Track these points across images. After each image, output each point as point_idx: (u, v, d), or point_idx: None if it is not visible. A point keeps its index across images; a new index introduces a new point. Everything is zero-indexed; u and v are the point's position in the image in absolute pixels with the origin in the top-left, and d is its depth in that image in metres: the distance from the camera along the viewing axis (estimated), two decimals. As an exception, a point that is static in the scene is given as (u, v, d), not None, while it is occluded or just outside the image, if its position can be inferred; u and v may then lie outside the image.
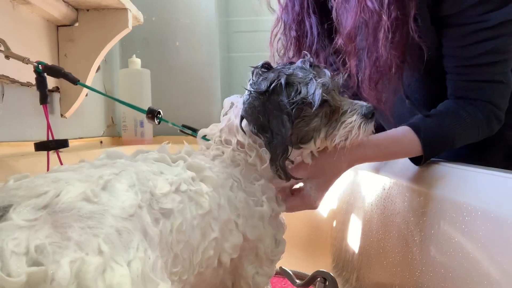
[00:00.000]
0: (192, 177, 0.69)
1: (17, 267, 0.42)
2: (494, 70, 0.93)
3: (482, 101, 0.93)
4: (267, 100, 0.76)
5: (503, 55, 0.93)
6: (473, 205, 0.70)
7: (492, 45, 0.91)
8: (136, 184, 0.58)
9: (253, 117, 0.76)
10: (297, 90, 0.77)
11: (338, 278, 1.21)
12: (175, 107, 2.23)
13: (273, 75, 0.78)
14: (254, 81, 0.79)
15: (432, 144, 0.90)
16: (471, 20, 0.90)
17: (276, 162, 0.76)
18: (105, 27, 1.54)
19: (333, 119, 0.80)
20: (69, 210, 0.48)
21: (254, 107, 0.76)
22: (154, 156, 0.71)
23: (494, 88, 0.94)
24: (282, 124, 0.75)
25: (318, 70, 0.81)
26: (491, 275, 0.62)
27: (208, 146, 0.82)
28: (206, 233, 0.69)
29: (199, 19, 2.25)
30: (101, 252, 0.46)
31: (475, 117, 0.92)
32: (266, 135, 0.76)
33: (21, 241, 0.43)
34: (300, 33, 1.06)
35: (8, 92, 1.24)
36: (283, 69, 0.80)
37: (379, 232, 1.11)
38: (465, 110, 0.92)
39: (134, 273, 0.47)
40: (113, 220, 0.50)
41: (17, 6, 1.30)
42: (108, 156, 0.69)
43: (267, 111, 0.76)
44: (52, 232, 0.45)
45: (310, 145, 0.80)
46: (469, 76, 0.94)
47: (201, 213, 0.67)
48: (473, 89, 0.94)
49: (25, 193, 0.49)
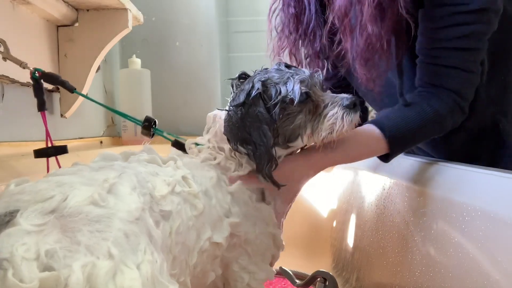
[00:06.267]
0: (183, 176, 0.70)
1: (29, 272, 0.42)
2: (465, 57, 0.92)
3: (448, 90, 0.92)
4: (246, 113, 0.77)
5: (477, 43, 0.92)
6: (473, 205, 0.70)
7: (468, 31, 0.89)
8: (137, 186, 0.59)
9: (233, 134, 0.78)
10: (277, 91, 0.78)
11: (338, 278, 1.21)
12: (175, 107, 2.23)
13: (248, 86, 0.79)
14: (233, 96, 0.81)
15: (398, 141, 0.89)
16: (450, 2, 0.89)
17: (262, 171, 0.77)
18: (105, 27, 1.53)
19: (316, 114, 0.80)
20: (77, 214, 0.48)
21: (233, 123, 0.78)
22: (145, 158, 0.72)
23: (462, 76, 0.92)
24: (264, 135, 0.76)
25: (295, 69, 0.82)
26: (491, 275, 0.62)
27: (200, 150, 0.83)
28: (200, 233, 0.69)
29: (199, 19, 2.25)
30: (111, 256, 0.46)
31: (439, 110, 0.91)
32: (249, 147, 0.77)
33: (30, 246, 0.43)
34: (299, 10, 1.06)
35: (8, 92, 1.24)
36: (257, 75, 0.81)
37: (379, 232, 1.11)
38: (429, 104, 0.91)
39: (144, 276, 0.47)
40: (120, 223, 0.50)
41: (17, 6, 1.30)
42: (103, 159, 0.69)
43: (247, 124, 0.77)
44: (61, 236, 0.45)
45: (298, 142, 0.81)
46: (438, 60, 0.92)
47: (196, 214, 0.68)
48: (441, 75, 0.92)
49: (30, 198, 0.49)
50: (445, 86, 0.92)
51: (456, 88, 0.92)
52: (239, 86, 0.82)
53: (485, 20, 0.90)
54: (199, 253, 0.69)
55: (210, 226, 0.71)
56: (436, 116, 0.90)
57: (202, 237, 0.69)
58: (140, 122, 1.00)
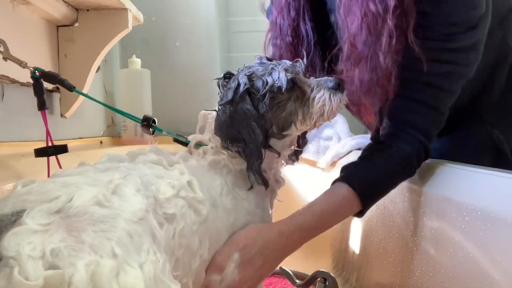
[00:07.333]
0: (188, 182, 0.70)
1: (34, 270, 0.43)
2: (439, 96, 0.91)
3: (415, 130, 0.90)
4: (234, 111, 0.78)
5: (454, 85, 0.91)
6: (473, 205, 0.70)
7: (450, 70, 0.89)
8: (141, 188, 0.60)
9: (222, 132, 0.79)
10: (263, 82, 0.79)
11: (338, 278, 1.21)
12: (175, 107, 2.23)
13: (234, 84, 0.80)
14: (221, 95, 0.82)
15: (369, 195, 0.88)
16: (441, 37, 0.87)
17: (252, 168, 0.78)
18: (105, 27, 1.53)
19: (305, 99, 0.82)
20: (82, 214, 0.49)
21: (222, 122, 0.79)
22: (152, 159, 0.72)
23: (431, 115, 0.91)
24: (253, 132, 0.78)
25: (276, 61, 0.84)
26: (491, 275, 0.62)
27: (205, 151, 0.83)
28: (203, 238, 0.70)
29: (199, 19, 2.25)
30: (115, 255, 0.46)
31: (405, 154, 0.89)
32: (239, 145, 0.78)
33: (36, 245, 0.44)
34: (296, 41, 1.05)
35: (8, 92, 1.24)
36: (241, 72, 0.82)
37: (379, 232, 1.11)
38: (396, 149, 0.89)
39: (147, 276, 0.48)
40: (125, 223, 0.51)
41: (17, 6, 1.30)
42: (109, 159, 0.70)
43: (236, 122, 0.78)
44: (66, 235, 0.46)
45: (292, 129, 0.82)
46: (414, 93, 0.90)
47: (199, 220, 0.69)
48: (412, 111, 0.90)
49: (36, 198, 0.50)
50: (414, 124, 0.90)
51: (423, 127, 0.90)
52: (225, 86, 0.83)
53: (467, 62, 0.89)
54: (201, 259, 0.70)
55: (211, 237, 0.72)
56: (402, 161, 0.89)
57: (203, 244, 0.70)
58: (140, 120, 1.00)
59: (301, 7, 1.04)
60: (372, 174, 0.88)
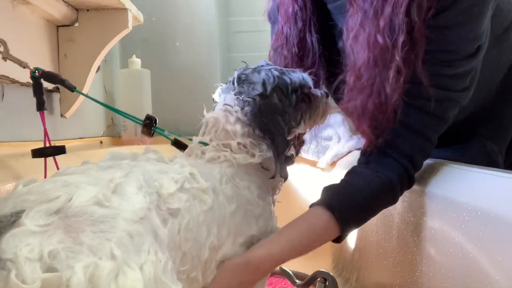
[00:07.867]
0: (190, 173, 0.70)
1: (31, 273, 0.42)
2: (431, 124, 0.88)
3: (400, 155, 0.87)
4: (263, 104, 0.82)
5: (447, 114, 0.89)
6: (473, 205, 0.70)
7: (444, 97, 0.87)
8: (144, 186, 0.59)
9: (256, 122, 0.81)
10: (291, 80, 0.84)
11: (338, 278, 1.21)
12: (175, 107, 2.23)
13: (259, 77, 0.83)
14: (242, 90, 0.84)
15: (349, 223, 0.85)
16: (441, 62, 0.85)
17: (280, 158, 0.81)
18: (105, 27, 1.53)
19: (309, 101, 0.89)
20: (82, 215, 0.48)
21: (255, 114, 0.81)
22: (153, 157, 0.72)
23: (418, 142, 0.88)
24: (279, 125, 0.82)
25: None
26: (491, 275, 0.62)
27: (204, 151, 0.83)
28: (211, 228, 0.70)
29: (199, 19, 2.24)
30: (114, 257, 0.46)
31: (388, 180, 0.86)
32: (267, 136, 0.81)
33: (34, 246, 0.44)
34: (302, 52, 1.05)
35: (8, 92, 1.24)
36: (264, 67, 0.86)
37: (379, 232, 1.11)
38: (378, 176, 0.86)
39: (147, 277, 0.47)
40: (125, 223, 0.50)
41: (17, 6, 1.30)
42: (112, 158, 0.69)
43: (264, 115, 0.81)
44: (64, 237, 0.46)
45: (300, 127, 0.88)
46: (404, 117, 0.87)
47: (205, 209, 0.68)
48: (399, 135, 0.87)
49: (36, 198, 0.49)
50: (400, 149, 0.88)
51: (409, 153, 0.87)
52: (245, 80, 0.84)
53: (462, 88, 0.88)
54: (210, 248, 0.69)
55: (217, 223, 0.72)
56: (385, 188, 0.86)
57: (212, 232, 0.70)
58: (141, 121, 1.00)
59: (308, 18, 1.04)
60: (354, 200, 0.85)
